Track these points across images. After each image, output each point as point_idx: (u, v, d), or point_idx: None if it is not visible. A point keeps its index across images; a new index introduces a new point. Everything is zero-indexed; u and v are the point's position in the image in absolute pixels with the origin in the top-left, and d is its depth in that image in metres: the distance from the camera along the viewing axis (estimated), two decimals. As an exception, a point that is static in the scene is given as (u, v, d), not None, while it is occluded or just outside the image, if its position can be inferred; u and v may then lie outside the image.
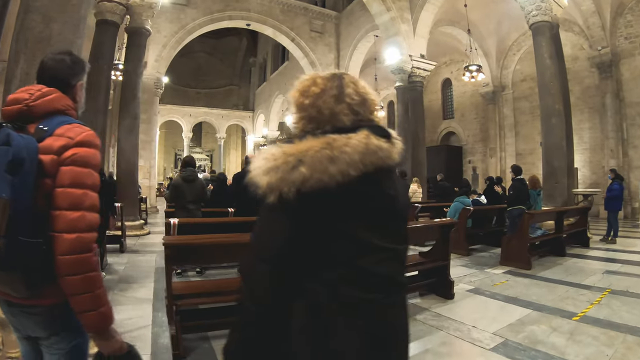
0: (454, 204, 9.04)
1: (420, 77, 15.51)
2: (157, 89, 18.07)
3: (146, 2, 10.76)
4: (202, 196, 6.57)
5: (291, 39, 20.92)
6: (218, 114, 36.21)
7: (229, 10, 19.02)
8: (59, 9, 3.84)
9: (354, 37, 20.58)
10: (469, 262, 7.62)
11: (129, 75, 11.06)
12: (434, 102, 23.12)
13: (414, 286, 5.23)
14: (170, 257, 3.61)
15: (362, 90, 1.26)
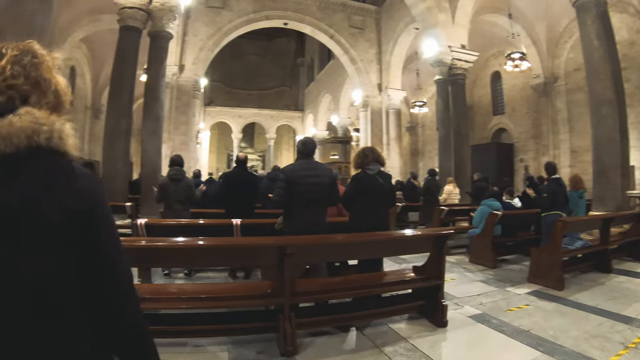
0: (480, 208, 8.00)
1: (461, 69, 14.57)
2: (195, 90, 18.59)
3: (166, 6, 11.00)
4: (188, 196, 6.56)
5: (330, 36, 20.65)
6: (267, 115, 36.68)
7: (265, 10, 19.11)
8: (11, 21, 3.94)
9: (394, 31, 19.93)
10: (492, 277, 6.49)
11: (152, 78, 11.32)
12: (483, 97, 21.92)
13: (400, 308, 4.46)
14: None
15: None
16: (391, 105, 20.52)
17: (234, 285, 4.87)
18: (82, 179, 0.95)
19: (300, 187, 4.23)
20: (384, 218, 4.84)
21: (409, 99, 22.89)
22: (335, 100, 26.87)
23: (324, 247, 4.13)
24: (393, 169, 19.81)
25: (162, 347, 3.44)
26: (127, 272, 1.05)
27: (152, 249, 3.68)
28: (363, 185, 4.64)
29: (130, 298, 1.03)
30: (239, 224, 5.71)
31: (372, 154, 4.73)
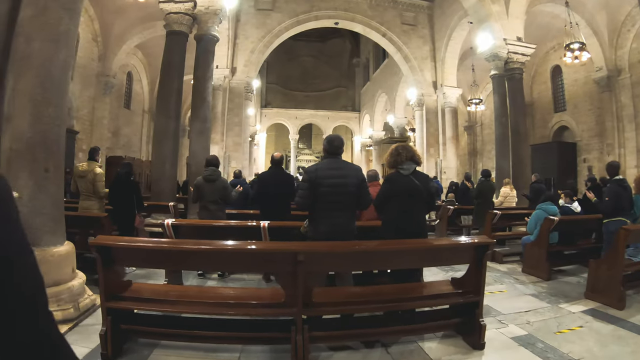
0: (536, 212, 7.25)
1: (518, 63, 13.65)
2: (248, 92, 18.84)
3: (211, 9, 11.14)
4: (224, 197, 6.50)
5: (382, 34, 20.15)
6: (324, 116, 36.66)
7: (315, 10, 19.01)
8: (38, 29, 4.01)
9: (448, 26, 19.12)
10: (544, 291, 5.79)
11: (198, 80, 11.51)
12: (543, 93, 20.54)
13: (433, 325, 4.00)
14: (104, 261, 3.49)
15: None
16: (447, 103, 19.74)
17: (251, 291, 4.67)
18: None
19: (324, 188, 3.96)
20: (420, 223, 4.38)
21: (466, 96, 21.99)
22: (391, 100, 26.34)
23: (341, 255, 3.76)
24: (449, 169, 19.11)
25: (174, 350, 3.49)
26: (30, 277, 0.88)
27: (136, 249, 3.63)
28: (395, 186, 4.25)
29: (32, 305, 0.87)
30: (266, 226, 5.52)
31: (405, 152, 4.32)
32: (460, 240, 4.54)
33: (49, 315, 0.92)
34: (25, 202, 3.87)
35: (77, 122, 16.29)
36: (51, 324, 0.91)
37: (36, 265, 0.92)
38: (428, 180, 4.44)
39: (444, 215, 10.11)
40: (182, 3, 10.46)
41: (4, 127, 3.87)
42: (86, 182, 6.43)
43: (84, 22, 16.03)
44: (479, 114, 24.71)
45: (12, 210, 0.91)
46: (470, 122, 26.15)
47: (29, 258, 0.91)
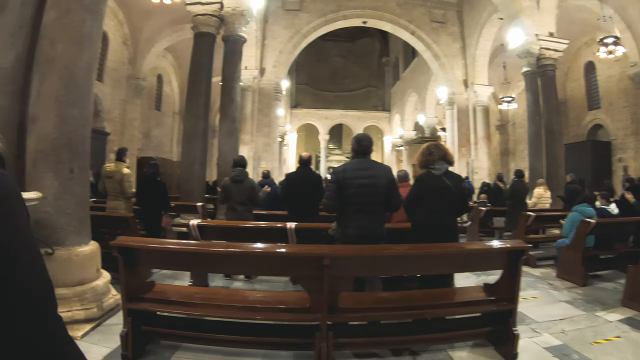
0: (571, 215, 6.85)
1: (551, 59, 13.20)
2: (277, 93, 18.91)
3: (237, 10, 11.21)
4: (251, 197, 6.46)
5: (411, 32, 19.85)
6: (354, 116, 36.48)
7: (343, 10, 18.92)
8: (61, 31, 4.06)
9: (478, 22, 18.64)
10: (580, 298, 5.47)
11: (226, 81, 11.62)
12: (576, 90, 19.71)
13: (464, 334, 3.78)
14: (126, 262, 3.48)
15: None
16: (478, 102, 19.28)
17: (276, 294, 4.58)
18: None
19: (352, 189, 3.81)
20: (451, 226, 4.20)
21: (497, 94, 21.44)
22: (421, 99, 25.98)
23: (367, 260, 3.61)
24: (481, 169, 18.67)
25: (195, 353, 3.44)
26: (36, 280, 0.94)
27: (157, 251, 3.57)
28: (426, 187, 4.10)
29: (40, 308, 0.93)
30: (293, 227, 5.42)
31: (437, 151, 4.15)
32: (494, 244, 4.25)
33: (56, 319, 0.96)
34: (50, 202, 3.90)
35: (109, 124, 16.69)
36: (59, 327, 0.97)
37: (43, 267, 0.96)
38: (460, 181, 4.26)
39: (475, 217, 9.82)
40: (209, 5, 10.56)
41: (30, 128, 3.91)
42: (114, 183, 6.51)
43: (114, 26, 16.45)
44: (511, 113, 24.03)
45: (15, 211, 0.94)
46: (502, 121, 25.48)
47: (34, 259, 0.94)
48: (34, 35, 3.91)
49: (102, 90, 16.29)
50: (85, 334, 3.76)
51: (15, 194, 0.96)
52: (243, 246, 3.77)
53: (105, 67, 16.45)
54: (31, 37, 3.90)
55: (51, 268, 3.30)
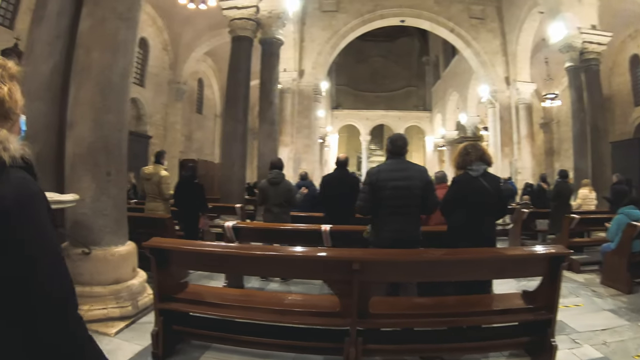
0: (617, 217, 6.42)
1: (594, 53, 12.56)
2: (316, 94, 18.96)
3: (274, 13, 11.32)
4: (288, 199, 6.48)
5: (450, 29, 19.34)
6: (395, 116, 36.06)
7: (379, 9, 18.69)
8: (96, 39, 4.22)
9: (518, 17, 17.93)
10: (624, 306, 5.13)
11: (264, 83, 11.77)
12: (622, 85, 18.40)
13: (499, 343, 3.61)
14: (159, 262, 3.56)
15: None
16: (520, 99, 18.56)
17: (308, 298, 4.54)
18: (5, 185, 0.95)
19: (387, 191, 3.73)
20: (488, 230, 4.02)
21: (540, 91, 20.64)
22: (463, 98, 25.37)
23: (399, 265, 3.50)
24: (524, 169, 17.98)
25: (224, 354, 3.48)
26: (54, 280, 1.01)
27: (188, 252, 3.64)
28: (463, 189, 3.93)
29: (59, 308, 1.00)
30: (327, 230, 5.37)
31: (475, 152, 3.99)
32: (532, 250, 4.05)
33: (76, 318, 1.04)
34: (87, 204, 4.05)
35: (151, 127, 17.28)
36: (79, 326, 1.04)
37: (64, 268, 1.04)
38: (499, 183, 4.06)
39: (518, 219, 9.46)
40: (245, 9, 10.70)
41: (68, 133, 4.08)
42: (151, 185, 6.69)
43: (154, 32, 17.05)
44: (555, 110, 22.97)
45: (37, 213, 1.01)
46: (545, 119, 24.45)
47: (54, 260, 1.01)
48: (70, 44, 4.08)
49: (144, 95, 16.89)
50: (119, 331, 3.87)
51: (37, 197, 1.02)
52: (269, 249, 3.80)
53: (147, 72, 17.08)
54: (68, 46, 4.07)
55: (88, 267, 3.43)
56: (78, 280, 3.97)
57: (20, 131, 1.17)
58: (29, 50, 4.29)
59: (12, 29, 10.94)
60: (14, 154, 1.01)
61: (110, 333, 3.78)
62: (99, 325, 3.85)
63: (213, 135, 22.76)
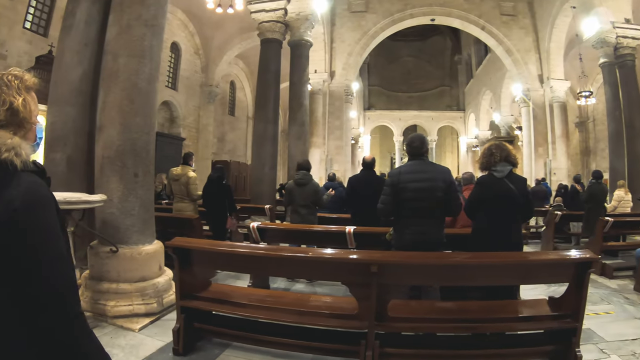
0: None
1: (629, 48, 12.09)
2: (348, 95, 18.96)
3: (302, 15, 11.40)
4: (314, 200, 6.52)
5: (481, 27, 19.02)
6: (428, 116, 35.62)
7: (409, 8, 18.60)
8: (122, 46, 4.38)
9: (550, 13, 17.46)
10: None
11: (294, 85, 11.89)
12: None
13: (522, 351, 3.46)
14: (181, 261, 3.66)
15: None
16: (555, 98, 18.05)
17: (331, 300, 4.53)
18: (14, 188, 1.04)
19: (408, 193, 3.68)
20: (513, 233, 3.88)
21: (575, 89, 19.98)
22: (496, 97, 24.82)
23: (418, 268, 3.45)
24: (559, 170, 17.45)
25: (244, 352, 3.55)
26: (53, 279, 1.08)
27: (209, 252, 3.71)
28: (487, 190, 3.85)
29: (56, 305, 1.07)
30: (351, 231, 5.36)
31: (499, 152, 3.88)
32: (558, 255, 3.96)
33: (76, 314, 1.10)
34: (115, 204, 4.21)
35: (184, 130, 17.71)
36: (78, 321, 1.11)
37: (67, 268, 1.12)
38: (524, 185, 3.96)
39: (550, 222, 9.20)
40: (273, 12, 10.85)
41: (97, 136, 4.24)
42: (179, 185, 6.86)
43: (185, 37, 17.51)
44: (590, 109, 22.09)
45: (45, 217, 1.09)
46: (581, 117, 23.55)
47: (58, 261, 1.09)
48: (99, 51, 4.25)
49: (176, 98, 17.35)
50: (144, 327, 3.99)
51: (45, 200, 1.11)
52: (286, 250, 3.83)
53: (179, 76, 17.52)
54: (97, 53, 4.24)
55: (115, 265, 3.58)
56: (106, 277, 4.15)
57: (35, 138, 1.27)
58: (59, 57, 4.51)
59: (46, 36, 11.48)
60: (26, 159, 1.09)
61: (134, 329, 3.91)
62: (124, 321, 3.99)
63: (245, 137, 23.10)
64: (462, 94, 35.36)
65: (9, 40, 10.58)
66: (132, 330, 3.89)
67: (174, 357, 3.46)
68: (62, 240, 1.13)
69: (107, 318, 3.97)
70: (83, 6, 4.71)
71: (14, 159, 1.06)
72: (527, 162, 18.68)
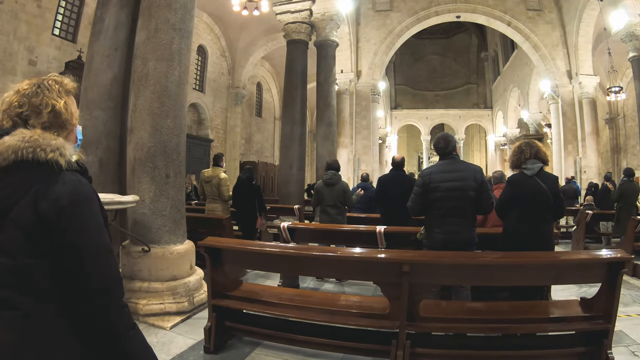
0: None
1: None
2: (374, 95, 18.91)
3: (327, 15, 11.42)
4: (343, 200, 6.49)
5: (507, 23, 18.62)
6: (455, 115, 35.13)
7: (434, 6, 18.43)
8: (151, 50, 4.47)
9: (576, 7, 16.90)
10: None
11: (321, 85, 11.93)
12: None
13: (552, 353, 3.36)
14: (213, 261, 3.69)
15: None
16: (584, 94, 17.53)
17: (360, 299, 4.47)
18: (60, 186, 1.10)
19: (439, 193, 3.65)
20: (544, 232, 3.80)
21: (604, 84, 19.33)
22: (524, 94, 24.25)
23: (449, 267, 3.39)
24: (589, 168, 16.93)
25: (274, 351, 3.55)
26: (100, 273, 1.14)
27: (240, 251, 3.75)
28: (517, 189, 3.79)
29: (103, 297, 1.13)
30: (382, 231, 5.31)
31: (529, 149, 3.82)
32: (590, 255, 3.78)
33: (120, 307, 1.17)
34: (147, 204, 4.29)
35: (212, 131, 17.99)
36: (122, 315, 1.17)
37: (111, 263, 1.19)
38: (556, 182, 3.86)
39: (581, 221, 8.92)
40: (298, 12, 10.92)
41: (128, 138, 4.34)
42: (211, 186, 6.96)
43: (211, 40, 17.80)
44: (620, 104, 21.26)
45: (90, 211, 1.16)
46: (611, 114, 22.69)
47: (102, 255, 1.15)
48: (129, 55, 4.33)
49: (204, 100, 17.65)
50: (175, 325, 4.06)
51: (90, 197, 1.18)
52: (317, 249, 3.82)
53: (206, 78, 17.81)
54: (126, 57, 4.33)
55: (147, 264, 3.64)
56: (137, 276, 4.23)
57: (76, 139, 1.35)
58: (89, 62, 4.64)
59: (74, 42, 11.83)
60: (70, 159, 1.16)
61: (166, 327, 3.97)
62: (156, 319, 4.06)
63: (272, 137, 23.31)
64: (489, 91, 34.76)
65: (38, 46, 10.94)
66: (164, 329, 3.95)
67: (205, 355, 3.50)
68: (107, 235, 1.20)
69: (139, 316, 4.03)
70: (112, 11, 4.83)
71: (58, 158, 1.12)
72: (557, 160, 18.18)
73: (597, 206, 10.00)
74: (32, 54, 10.74)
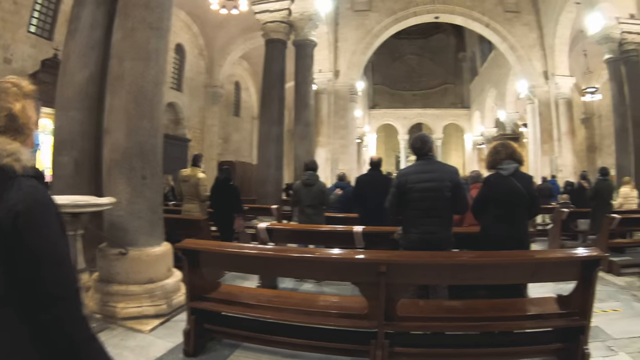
0: None
1: (633, 43, 12.00)
2: (352, 94, 18.95)
3: (305, 15, 11.43)
4: (321, 200, 6.51)
5: (485, 24, 18.93)
6: (432, 114, 35.49)
7: (412, 6, 18.56)
8: (127, 49, 4.41)
9: (554, 9, 17.32)
10: None
11: (299, 85, 11.95)
12: None
13: (528, 350, 3.43)
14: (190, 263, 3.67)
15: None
16: (560, 94, 17.95)
17: (339, 299, 4.50)
18: (16, 192, 1.06)
19: (415, 193, 3.69)
20: (520, 232, 3.88)
21: (580, 85, 19.82)
22: (501, 94, 24.68)
23: (426, 267, 3.44)
24: (565, 167, 17.34)
25: (254, 352, 3.55)
26: (56, 281, 1.10)
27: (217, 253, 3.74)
28: (493, 189, 3.84)
29: (58, 307, 1.09)
30: (359, 231, 5.34)
31: (505, 150, 3.88)
32: (564, 253, 3.92)
33: (77, 316, 1.14)
34: (123, 206, 4.24)
35: (189, 131, 17.81)
36: (80, 324, 1.14)
37: (68, 270, 1.16)
38: (530, 182, 3.94)
39: (557, 220, 9.13)
40: (277, 12, 10.91)
41: (104, 139, 4.27)
42: (189, 186, 6.90)
43: (189, 38, 17.60)
44: (595, 105, 21.89)
45: (46, 217, 1.12)
46: (586, 114, 23.36)
47: (59, 262, 1.12)
48: (105, 54, 4.26)
49: (181, 99, 17.45)
50: (153, 328, 4.02)
51: (47, 203, 1.13)
52: (294, 251, 3.84)
53: (184, 77, 17.61)
54: (102, 56, 4.26)
55: (124, 267, 3.61)
56: (115, 279, 4.17)
57: (33, 144, 1.29)
58: (65, 61, 4.56)
59: (51, 40, 11.51)
60: (26, 164, 1.12)
61: (144, 330, 3.93)
62: (134, 323, 4.01)
63: (251, 137, 23.16)
64: (466, 91, 35.22)
65: (14, 44, 10.62)
66: (142, 332, 3.91)
67: (184, 358, 3.49)
68: (62, 243, 1.16)
69: (117, 320, 3.99)
70: (88, 10, 4.75)
71: (13, 164, 1.09)
72: (533, 159, 18.60)
73: (574, 204, 10.26)
74: (7, 52, 10.42)
